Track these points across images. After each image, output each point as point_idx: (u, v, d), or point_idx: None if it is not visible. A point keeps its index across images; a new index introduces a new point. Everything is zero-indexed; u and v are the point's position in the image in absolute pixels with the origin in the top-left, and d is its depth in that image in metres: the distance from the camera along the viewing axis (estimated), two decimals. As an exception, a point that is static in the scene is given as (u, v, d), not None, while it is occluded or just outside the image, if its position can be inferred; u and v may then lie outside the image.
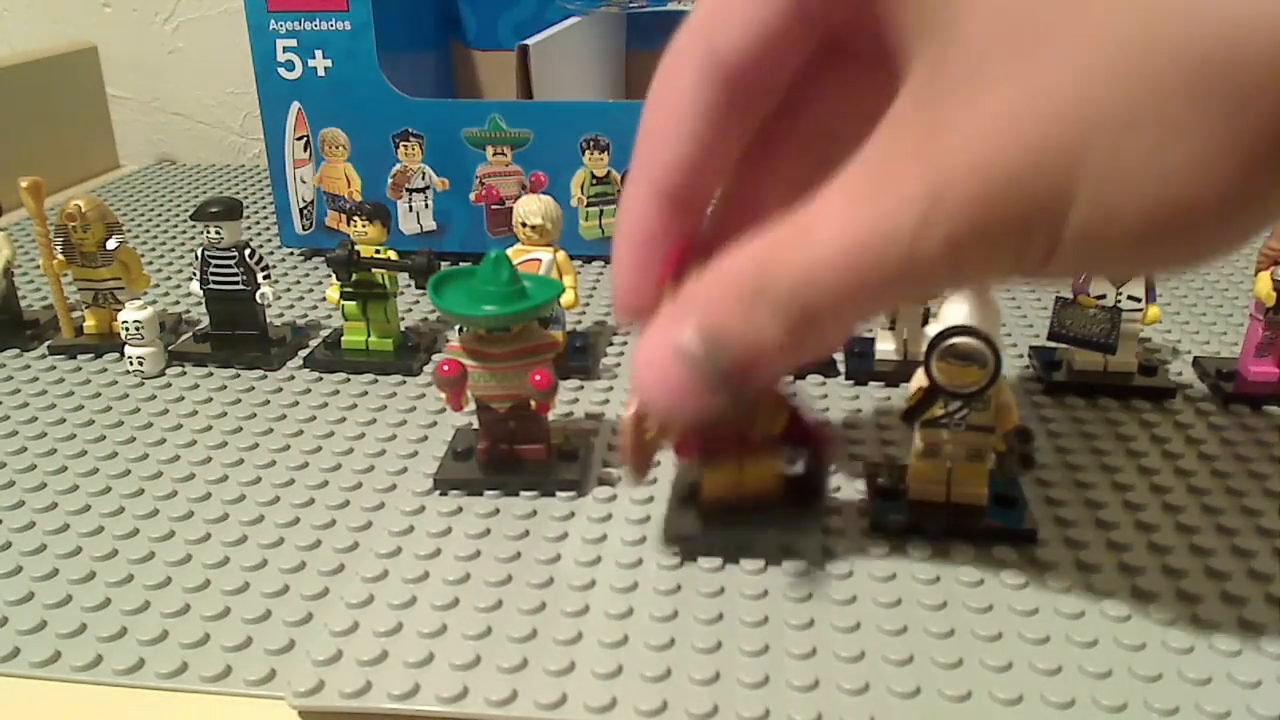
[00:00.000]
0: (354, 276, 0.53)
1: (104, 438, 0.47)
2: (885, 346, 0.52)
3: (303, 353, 0.55)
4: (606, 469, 0.43)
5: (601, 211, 0.68)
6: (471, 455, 0.43)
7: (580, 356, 0.53)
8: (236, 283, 0.53)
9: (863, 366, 0.52)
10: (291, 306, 0.62)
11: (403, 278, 0.53)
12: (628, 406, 0.35)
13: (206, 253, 0.53)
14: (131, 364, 0.53)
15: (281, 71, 0.66)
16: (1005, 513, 0.38)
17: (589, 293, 0.64)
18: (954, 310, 0.35)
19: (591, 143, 0.66)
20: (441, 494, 0.41)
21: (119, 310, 0.53)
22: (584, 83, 0.77)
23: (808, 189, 0.25)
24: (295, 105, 0.67)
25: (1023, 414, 0.37)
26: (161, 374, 0.53)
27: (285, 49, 0.66)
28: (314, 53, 0.65)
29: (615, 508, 0.40)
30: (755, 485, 0.37)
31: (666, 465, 0.42)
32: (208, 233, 0.52)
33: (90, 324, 0.56)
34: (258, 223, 0.79)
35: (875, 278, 0.24)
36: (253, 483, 0.43)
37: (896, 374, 0.51)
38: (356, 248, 0.52)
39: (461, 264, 0.56)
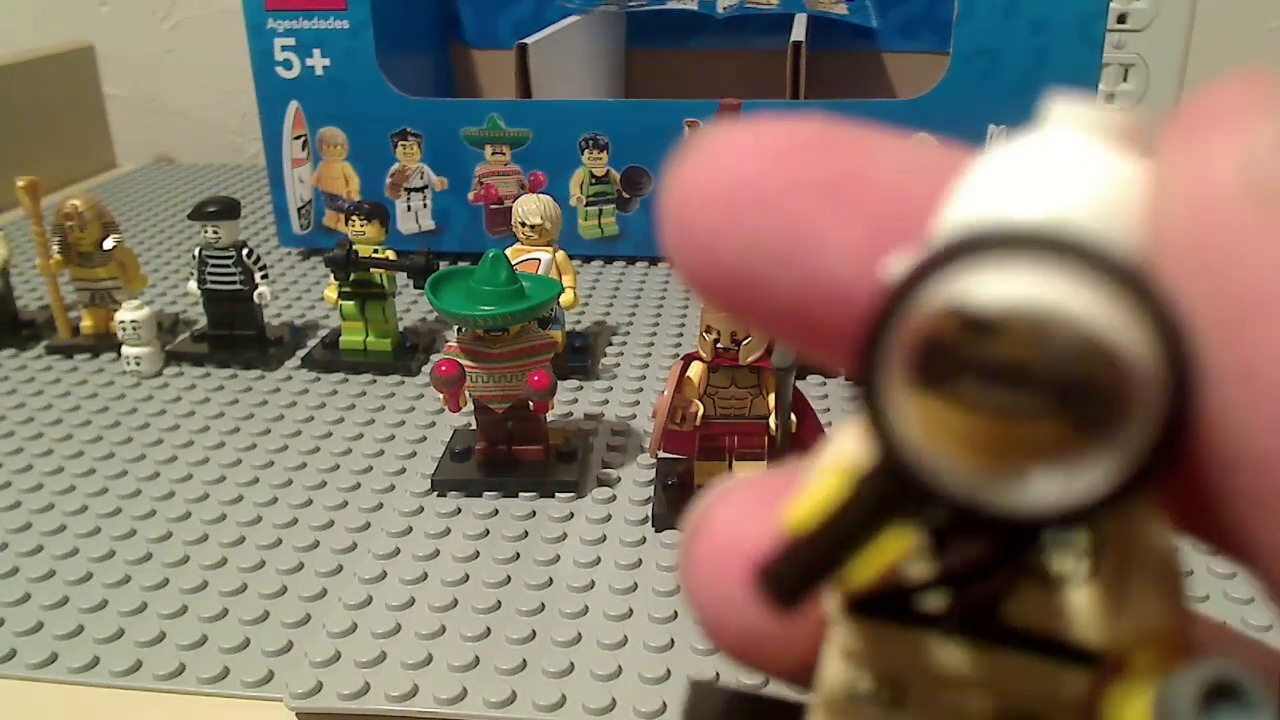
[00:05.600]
0: (352, 276, 0.52)
1: (101, 438, 0.46)
2: None
3: (300, 353, 0.55)
4: (605, 470, 0.43)
5: (601, 211, 0.67)
6: (470, 456, 0.43)
7: (579, 357, 0.53)
8: (234, 282, 0.53)
9: None
10: (289, 306, 0.62)
11: (401, 277, 0.53)
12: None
13: (204, 252, 0.53)
14: (128, 364, 0.52)
15: (279, 70, 0.66)
16: None
17: (588, 292, 0.64)
18: None
19: (590, 142, 0.66)
20: (440, 495, 0.41)
21: (116, 310, 0.53)
22: (583, 82, 0.77)
23: None
24: (293, 104, 0.67)
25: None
26: (159, 374, 0.53)
27: (283, 48, 0.65)
28: (312, 52, 0.65)
29: (614, 509, 0.40)
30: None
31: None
32: (205, 232, 0.52)
33: (87, 324, 0.56)
34: (255, 222, 0.79)
35: None
36: (250, 483, 0.43)
37: None
38: (354, 247, 0.52)
39: (460, 264, 0.56)
